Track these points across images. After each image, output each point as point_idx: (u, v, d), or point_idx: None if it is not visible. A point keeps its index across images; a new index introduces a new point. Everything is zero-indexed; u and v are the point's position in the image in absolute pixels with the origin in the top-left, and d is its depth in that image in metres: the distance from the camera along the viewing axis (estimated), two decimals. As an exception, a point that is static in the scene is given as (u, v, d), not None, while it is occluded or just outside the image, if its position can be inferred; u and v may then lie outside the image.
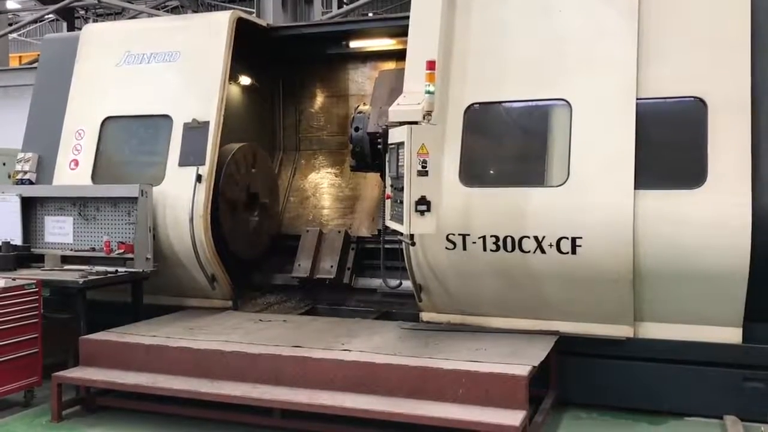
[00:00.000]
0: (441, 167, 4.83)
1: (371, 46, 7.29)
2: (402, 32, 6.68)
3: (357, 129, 6.47)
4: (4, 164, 9.66)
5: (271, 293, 7.25)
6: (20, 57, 24.25)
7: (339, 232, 7.16)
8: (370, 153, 6.41)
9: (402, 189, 4.78)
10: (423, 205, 4.58)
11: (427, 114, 4.71)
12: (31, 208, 6.62)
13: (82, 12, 23.57)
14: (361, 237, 7.25)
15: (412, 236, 4.75)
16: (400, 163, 4.83)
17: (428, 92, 4.71)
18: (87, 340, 5.45)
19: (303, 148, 8.09)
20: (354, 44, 7.23)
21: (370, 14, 13.87)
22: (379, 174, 6.81)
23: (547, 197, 5.20)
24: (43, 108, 7.11)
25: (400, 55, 7.25)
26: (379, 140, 5.99)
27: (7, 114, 13.73)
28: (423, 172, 4.58)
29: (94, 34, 7.02)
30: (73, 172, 6.71)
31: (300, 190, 7.88)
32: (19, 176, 6.84)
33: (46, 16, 21.57)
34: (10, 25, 17.71)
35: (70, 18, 18.73)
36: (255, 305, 6.84)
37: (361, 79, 7.75)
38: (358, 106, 6.74)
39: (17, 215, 6.52)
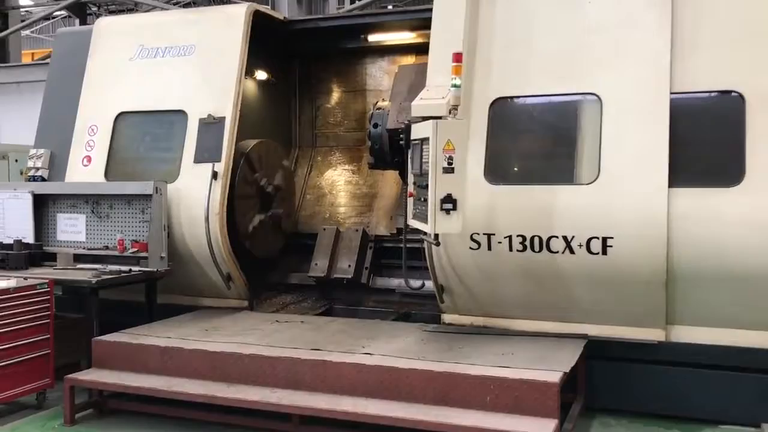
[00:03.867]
0: (466, 164, 4.62)
1: (390, 40, 7.10)
2: (422, 25, 6.56)
3: (376, 125, 6.30)
4: (16, 161, 9.56)
5: (287, 293, 7.11)
6: (33, 54, 24.24)
7: (356, 230, 6.99)
8: (390, 150, 6.25)
9: (426, 187, 4.60)
10: (448, 203, 4.39)
11: (453, 108, 4.52)
12: (43, 206, 6.48)
13: (94, 8, 23.52)
14: (379, 236, 7.07)
15: (436, 236, 4.56)
16: (424, 160, 4.64)
17: (454, 86, 4.52)
18: (100, 342, 5.30)
19: (319, 145, 7.92)
20: (373, 38, 7.04)
21: (390, 6, 13.64)
22: (398, 172, 6.68)
23: (576, 195, 5.00)
24: (56, 103, 6.96)
25: (419, 49, 7.13)
26: (399, 137, 5.83)
27: (20, 110, 13.67)
28: (449, 169, 4.39)
29: (107, 27, 6.87)
30: (85, 168, 6.57)
31: (316, 188, 7.72)
32: (31, 173, 6.70)
33: (58, 14, 21.54)
34: (23, 21, 17.62)
35: (83, 14, 18.67)
36: (271, 305, 6.69)
37: (380, 74, 7.57)
38: (377, 102, 6.56)
39: (29, 213, 6.39)
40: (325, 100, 7.88)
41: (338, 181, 7.66)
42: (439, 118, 4.71)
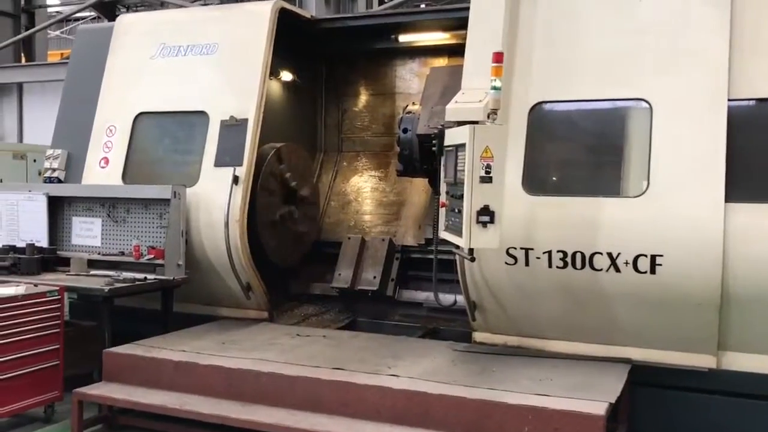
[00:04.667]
0: (505, 173, 4.27)
1: (422, 41, 6.78)
2: (456, 25, 6.26)
3: (405, 130, 6.01)
4: (34, 161, 9.39)
5: (308, 303, 6.83)
6: (61, 54, 24.31)
7: (383, 240, 6.66)
8: (420, 156, 5.95)
9: (460, 197, 4.25)
10: (485, 215, 4.04)
11: (492, 112, 4.17)
12: (58, 208, 6.26)
13: (123, 10, 23.52)
14: (406, 246, 6.74)
15: (471, 251, 4.21)
16: (459, 168, 4.30)
17: (494, 88, 4.17)
18: (111, 354, 5.03)
19: (345, 150, 7.62)
20: (404, 38, 6.73)
21: (422, 6, 13.30)
22: (427, 179, 6.37)
23: (623, 209, 4.62)
24: (74, 102, 6.75)
25: (452, 51, 6.85)
26: (430, 143, 5.53)
27: (43, 110, 13.58)
28: (486, 179, 4.04)
29: (128, 24, 6.63)
30: (103, 170, 6.34)
31: (341, 194, 7.40)
32: (47, 174, 6.49)
33: (86, 14, 21.54)
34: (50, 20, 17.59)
35: (112, 15, 18.58)
36: (292, 316, 6.40)
37: (409, 77, 7.27)
38: (407, 106, 6.25)
39: (44, 215, 6.17)
40: (352, 103, 7.58)
41: (364, 188, 7.34)
42: (476, 122, 4.39)
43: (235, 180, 5.68)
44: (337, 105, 7.61)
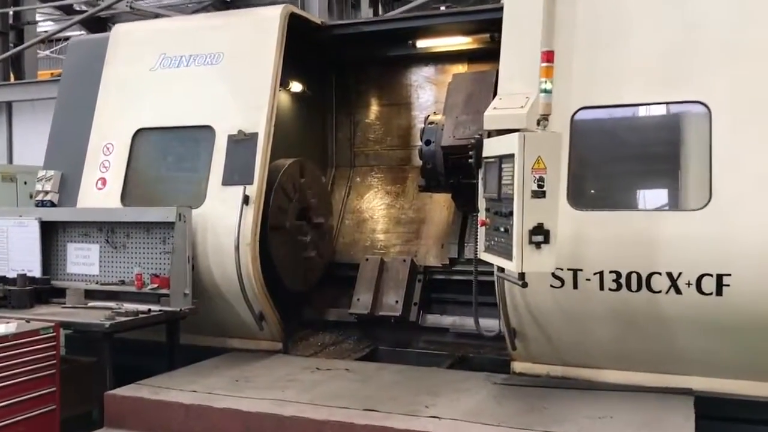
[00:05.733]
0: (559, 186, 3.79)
1: (441, 46, 6.31)
2: (478, 29, 5.86)
3: (428, 142, 5.59)
4: (25, 183, 8.85)
5: (324, 331, 6.30)
6: (51, 74, 23.83)
7: (404, 260, 6.17)
8: (444, 170, 5.50)
9: (507, 214, 3.79)
10: (539, 235, 3.57)
11: (543, 118, 3.70)
12: (52, 234, 5.75)
13: (112, 26, 23.08)
14: (429, 267, 6.24)
15: (522, 275, 3.73)
16: (504, 182, 3.83)
17: (545, 91, 3.71)
18: (114, 397, 4.51)
19: (358, 164, 7.14)
20: (422, 44, 6.27)
21: (443, 8, 12.86)
22: (451, 195, 5.93)
23: (683, 224, 4.16)
24: (68, 120, 6.25)
25: (472, 57, 6.45)
26: (456, 155, 5.12)
27: (34, 129, 13.07)
28: (539, 193, 3.57)
29: (125, 34, 6.16)
30: (100, 192, 5.85)
31: (356, 212, 6.92)
32: (39, 197, 5.98)
33: (77, 32, 21.06)
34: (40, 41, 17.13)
35: (101, 32, 18.13)
36: (308, 346, 5.89)
37: (426, 85, 6.81)
38: (428, 116, 5.80)
39: (36, 242, 5.66)
40: (364, 114, 7.11)
41: (380, 205, 6.86)
42: (517, 130, 3.94)
43: (246, 200, 5.21)
44: (349, 117, 7.15)
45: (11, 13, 15.03)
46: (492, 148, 4.05)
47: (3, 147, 14.02)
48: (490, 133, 4.18)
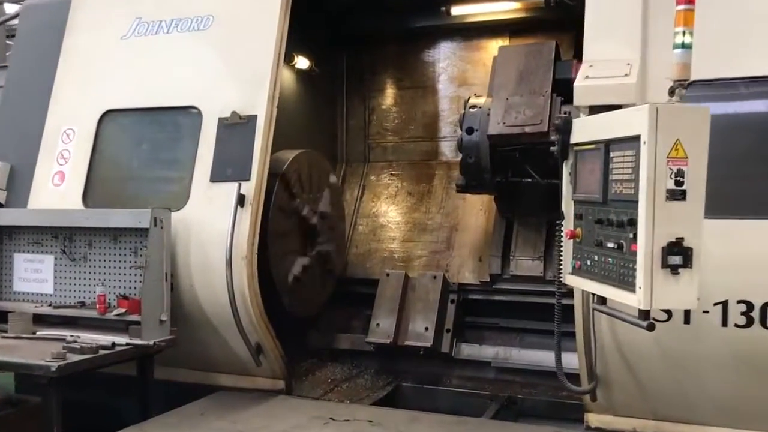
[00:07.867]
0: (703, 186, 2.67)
1: (481, 14, 5.28)
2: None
3: (470, 131, 4.62)
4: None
5: (334, 362, 5.26)
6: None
7: (434, 277, 5.07)
8: (490, 166, 4.45)
9: (619, 224, 2.67)
10: (677, 254, 2.45)
11: (680, 86, 2.58)
12: (-5, 242, 4.64)
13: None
14: (463, 284, 5.16)
15: (647, 313, 2.60)
16: (613, 177, 2.72)
17: (683, 45, 2.58)
18: (61, 466, 3.36)
19: (374, 159, 6.17)
20: (458, 10, 5.21)
21: None
22: (494, 197, 4.90)
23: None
24: (18, 100, 5.22)
25: (514, 29, 5.48)
26: (507, 146, 4.13)
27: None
28: (678, 193, 2.46)
29: (90, -5, 5.07)
30: (57, 189, 4.85)
31: (371, 217, 5.85)
32: (-19, 196, 4.87)
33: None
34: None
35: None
36: (315, 383, 4.85)
37: (458, 64, 5.80)
38: (468, 98, 4.75)
39: (-26, 252, 4.54)
40: (381, 99, 6.16)
41: (400, 208, 5.80)
42: (619, 107, 2.86)
43: (241, 200, 4.14)
44: (363, 102, 6.20)
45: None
46: (591, 129, 2.93)
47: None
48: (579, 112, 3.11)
